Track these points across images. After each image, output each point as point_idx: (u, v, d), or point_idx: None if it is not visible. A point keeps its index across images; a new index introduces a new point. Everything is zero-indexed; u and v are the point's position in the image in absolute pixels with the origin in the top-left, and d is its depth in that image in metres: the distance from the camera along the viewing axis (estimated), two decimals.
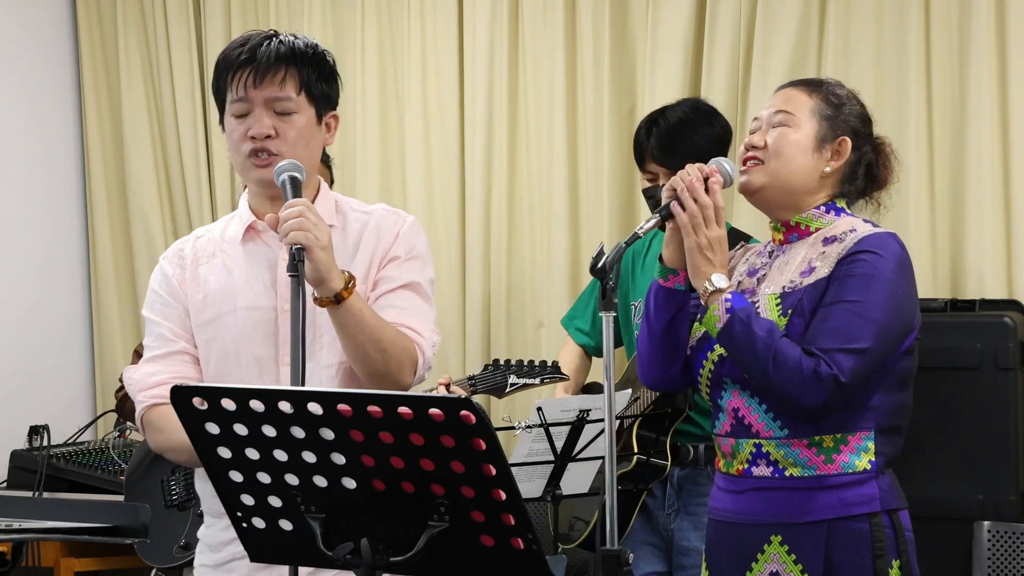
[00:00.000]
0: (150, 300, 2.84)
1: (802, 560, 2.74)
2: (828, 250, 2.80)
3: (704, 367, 2.86)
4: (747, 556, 2.80)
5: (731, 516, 2.84)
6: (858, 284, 2.71)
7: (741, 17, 4.71)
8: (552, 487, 3.80)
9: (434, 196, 5.30)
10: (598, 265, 2.64)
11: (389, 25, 5.41)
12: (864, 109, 2.93)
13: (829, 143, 2.85)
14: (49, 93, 5.87)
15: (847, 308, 2.69)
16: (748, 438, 2.79)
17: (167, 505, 4.17)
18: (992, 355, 3.94)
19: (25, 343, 5.68)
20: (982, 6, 4.32)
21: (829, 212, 2.86)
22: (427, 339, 2.71)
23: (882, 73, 4.50)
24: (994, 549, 3.92)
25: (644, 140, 3.91)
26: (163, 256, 2.85)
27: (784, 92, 2.92)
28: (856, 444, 2.75)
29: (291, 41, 2.73)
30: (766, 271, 2.89)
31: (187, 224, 5.82)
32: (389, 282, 2.73)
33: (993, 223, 4.31)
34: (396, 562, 2.17)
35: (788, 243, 2.89)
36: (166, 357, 2.77)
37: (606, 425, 2.59)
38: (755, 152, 2.85)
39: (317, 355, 2.71)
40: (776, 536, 2.77)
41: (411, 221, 2.79)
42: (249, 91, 2.69)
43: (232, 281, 2.75)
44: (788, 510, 2.76)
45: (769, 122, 2.87)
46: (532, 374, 4.06)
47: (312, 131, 2.74)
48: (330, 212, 2.77)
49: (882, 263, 2.72)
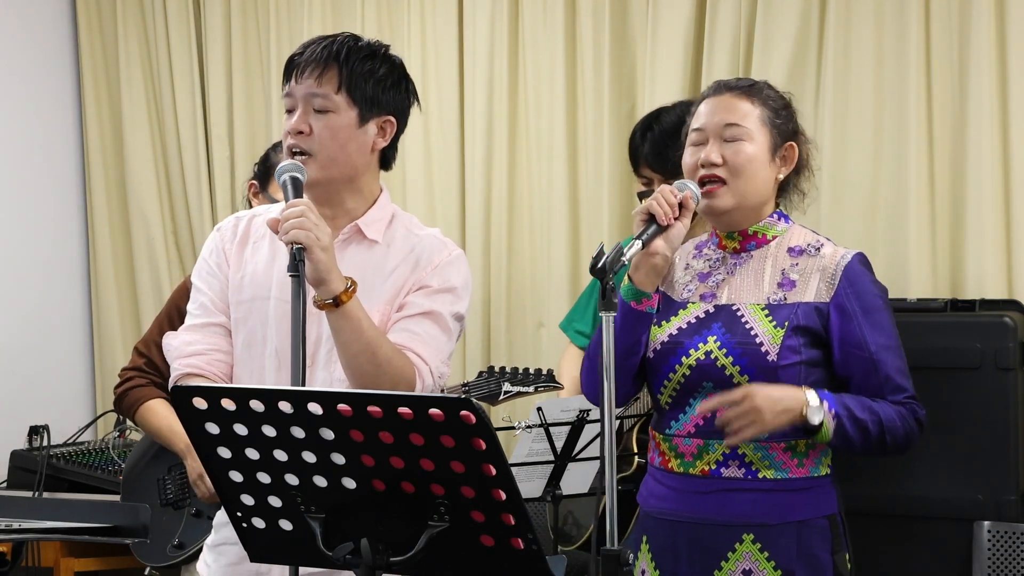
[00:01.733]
0: (199, 267, 2.85)
1: (775, 557, 2.79)
2: (802, 263, 2.85)
3: (676, 371, 2.85)
4: (714, 556, 2.83)
5: (694, 517, 2.85)
6: (878, 320, 2.82)
7: (741, 17, 4.71)
8: (552, 487, 3.80)
9: (434, 196, 5.30)
10: (598, 265, 2.64)
11: (389, 25, 5.41)
12: (791, 105, 2.95)
13: (779, 150, 2.88)
14: (49, 93, 5.87)
15: (885, 348, 2.82)
16: (722, 439, 2.79)
17: (162, 503, 4.17)
18: (992, 355, 3.94)
19: (25, 343, 5.68)
20: (982, 6, 4.32)
21: (780, 219, 2.91)
22: (431, 367, 2.69)
23: (882, 73, 4.50)
24: (994, 549, 3.92)
25: (639, 144, 3.91)
26: (218, 227, 2.86)
27: (723, 101, 2.88)
28: (821, 450, 2.84)
29: (346, 40, 2.73)
30: (724, 276, 2.90)
31: (187, 224, 5.82)
32: (411, 308, 2.72)
33: (993, 223, 4.31)
34: (396, 562, 2.17)
35: (745, 251, 2.90)
36: (205, 328, 2.78)
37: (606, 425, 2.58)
38: (714, 170, 2.84)
39: (331, 366, 2.70)
40: (748, 535, 2.80)
41: (456, 255, 2.78)
42: (292, 87, 2.72)
43: (274, 269, 2.75)
44: (763, 511, 2.80)
45: (718, 135, 2.85)
46: (526, 382, 4.06)
47: (350, 132, 2.72)
48: (382, 227, 2.76)
49: (876, 287, 2.85)
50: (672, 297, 2.94)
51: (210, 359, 2.76)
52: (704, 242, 2.98)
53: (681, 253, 2.98)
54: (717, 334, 2.82)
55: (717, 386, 2.81)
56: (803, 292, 2.82)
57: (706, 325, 2.85)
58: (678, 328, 2.88)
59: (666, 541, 2.89)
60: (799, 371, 2.78)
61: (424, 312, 2.71)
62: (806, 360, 2.80)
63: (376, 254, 2.73)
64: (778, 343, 2.77)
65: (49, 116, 5.86)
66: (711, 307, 2.87)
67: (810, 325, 2.80)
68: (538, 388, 4.09)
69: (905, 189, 4.44)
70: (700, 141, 2.88)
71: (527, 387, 4.05)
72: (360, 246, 2.75)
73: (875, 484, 3.92)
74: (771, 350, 2.77)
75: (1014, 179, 4.32)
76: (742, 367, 2.78)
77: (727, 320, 2.83)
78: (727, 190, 2.84)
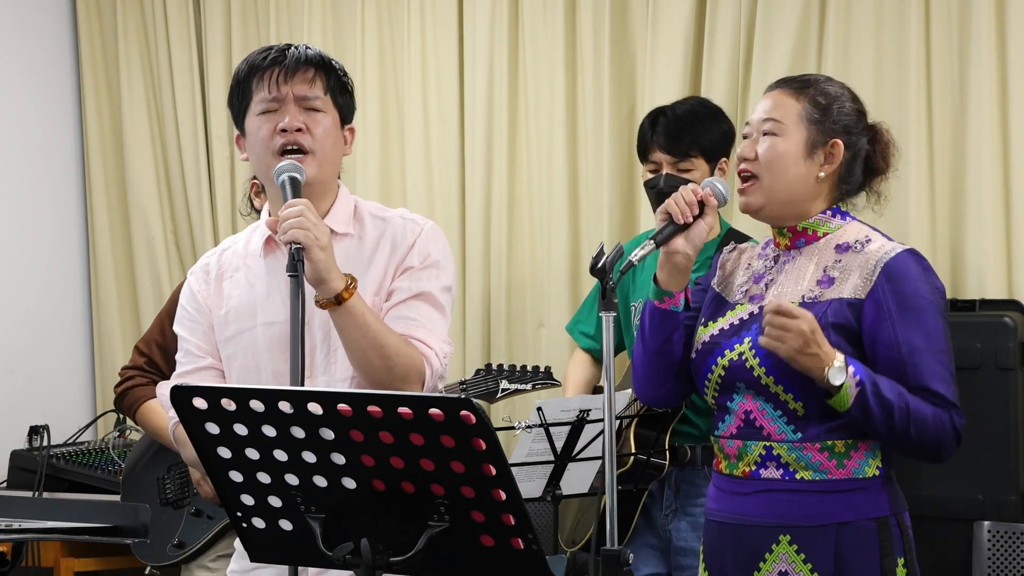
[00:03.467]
0: (179, 316, 2.84)
1: (811, 560, 2.75)
2: (845, 260, 2.79)
3: (713, 372, 2.84)
4: (754, 557, 2.80)
5: (735, 517, 2.83)
6: (918, 320, 2.72)
7: (741, 17, 4.71)
8: (552, 487, 3.80)
9: (434, 196, 5.30)
10: (598, 265, 2.64)
11: (389, 25, 5.41)
12: (857, 103, 2.90)
13: (821, 147, 2.83)
14: (49, 93, 5.87)
15: (923, 350, 2.71)
16: (758, 440, 2.79)
17: (162, 503, 4.17)
18: (992, 355, 3.94)
19: (25, 343, 5.68)
20: (982, 6, 4.32)
21: (835, 216, 2.86)
22: (436, 350, 2.68)
23: (882, 73, 4.50)
24: (994, 549, 3.92)
25: (648, 131, 3.90)
26: (191, 271, 2.85)
27: (772, 96, 2.89)
28: (865, 451, 2.77)
29: (315, 49, 2.77)
30: (774, 276, 2.87)
31: (187, 224, 5.82)
32: (401, 292, 2.71)
33: (993, 223, 4.31)
34: (396, 562, 2.17)
35: (795, 248, 2.87)
36: (193, 373, 2.77)
37: (606, 425, 2.58)
38: (747, 164, 2.84)
39: (332, 368, 2.70)
40: (785, 536, 2.77)
41: (428, 228, 2.77)
42: (281, 87, 2.71)
43: (253, 296, 2.74)
44: (799, 513, 2.76)
45: (759, 129, 2.85)
46: (524, 379, 4.06)
47: (337, 134, 2.75)
48: (348, 219, 2.76)
49: (924, 286, 2.75)
50: (726, 298, 2.92)
51: None
52: (769, 241, 2.95)
53: (747, 255, 2.97)
54: (752, 335, 2.79)
55: (749, 388, 2.79)
56: (840, 289, 2.77)
57: (747, 327, 2.82)
58: (720, 329, 2.86)
59: (714, 541, 2.88)
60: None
61: (415, 295, 2.71)
62: None
63: (350, 246, 2.72)
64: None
65: (49, 116, 5.86)
66: (755, 308, 2.84)
67: (842, 322, 2.74)
68: (536, 385, 4.09)
69: (905, 189, 4.43)
70: (746, 134, 2.88)
71: (525, 385, 4.05)
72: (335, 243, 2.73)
73: None
74: None
75: (1014, 179, 4.32)
76: (767, 368, 2.76)
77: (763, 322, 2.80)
78: (756, 188, 2.83)
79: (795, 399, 2.75)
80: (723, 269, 2.98)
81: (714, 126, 3.88)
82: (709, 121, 3.89)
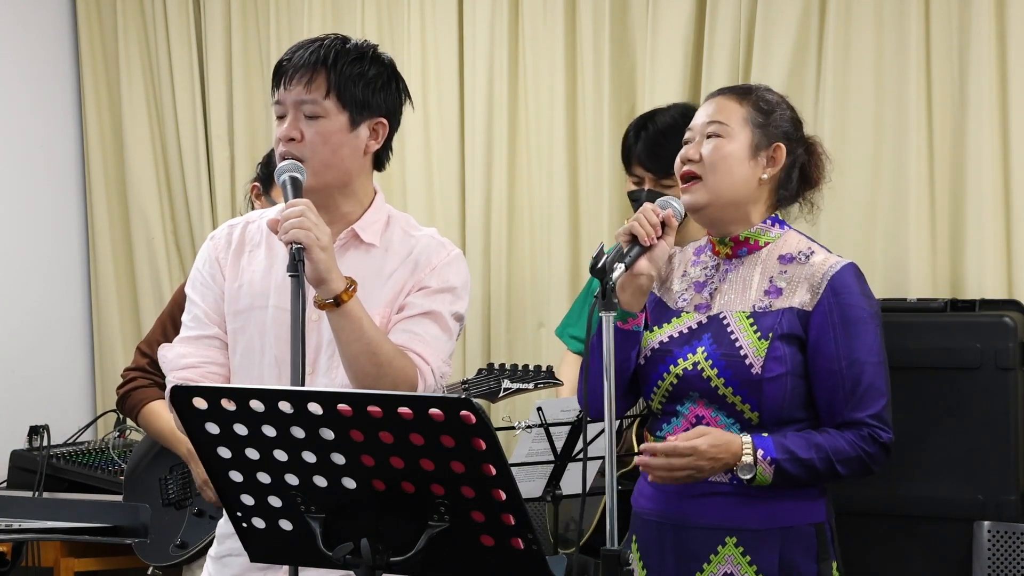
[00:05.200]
0: (193, 277, 2.83)
1: (756, 562, 2.80)
2: (791, 271, 2.85)
3: (664, 380, 2.87)
4: (697, 558, 2.84)
5: (678, 519, 2.86)
6: (859, 333, 2.79)
7: (741, 17, 4.71)
8: (552, 487, 3.80)
9: (434, 197, 5.30)
10: (598, 265, 2.64)
11: (389, 25, 5.41)
12: (794, 113, 2.97)
13: (764, 150, 2.88)
14: (49, 93, 5.86)
15: (861, 362, 2.78)
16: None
17: (164, 503, 4.17)
18: (992, 355, 3.94)
19: (25, 343, 5.68)
20: (982, 6, 4.32)
21: (775, 226, 2.92)
22: (432, 367, 2.68)
23: (882, 73, 4.50)
24: (994, 549, 3.92)
25: (632, 143, 3.92)
26: (211, 235, 2.85)
27: (715, 101, 2.93)
28: None
29: (334, 44, 2.73)
30: (717, 285, 2.91)
31: (187, 224, 5.82)
32: (411, 308, 2.72)
33: (993, 223, 4.31)
34: (396, 562, 2.17)
35: (737, 257, 2.91)
36: (200, 340, 2.78)
37: (606, 425, 2.58)
38: (691, 166, 2.87)
39: (332, 372, 2.70)
40: (731, 538, 2.82)
41: (454, 255, 2.78)
42: (281, 94, 2.71)
43: (271, 277, 2.74)
44: (745, 516, 2.81)
45: (702, 132, 2.89)
46: (526, 379, 4.06)
47: (342, 137, 2.71)
48: (378, 230, 2.76)
49: (864, 300, 2.82)
50: (667, 303, 2.95)
51: (204, 372, 2.76)
52: (702, 248, 2.99)
53: (679, 259, 3.00)
54: (706, 345, 2.84)
55: (703, 396, 2.83)
56: (789, 299, 2.82)
57: (697, 336, 2.86)
58: (669, 336, 2.89)
59: (653, 541, 2.91)
60: (784, 383, 2.79)
61: (424, 312, 2.71)
62: (793, 371, 2.79)
63: (374, 258, 2.73)
64: (762, 355, 2.78)
65: (49, 116, 5.86)
66: (704, 318, 2.89)
67: (795, 332, 2.80)
68: (538, 385, 4.09)
69: (905, 189, 4.44)
70: (688, 140, 2.92)
71: (527, 384, 4.05)
72: (358, 251, 2.75)
73: (875, 484, 3.89)
74: (755, 362, 2.78)
75: (1014, 179, 4.32)
76: (727, 379, 2.80)
77: (716, 330, 2.85)
78: (700, 186, 2.86)
79: (752, 409, 2.80)
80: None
81: None
82: None
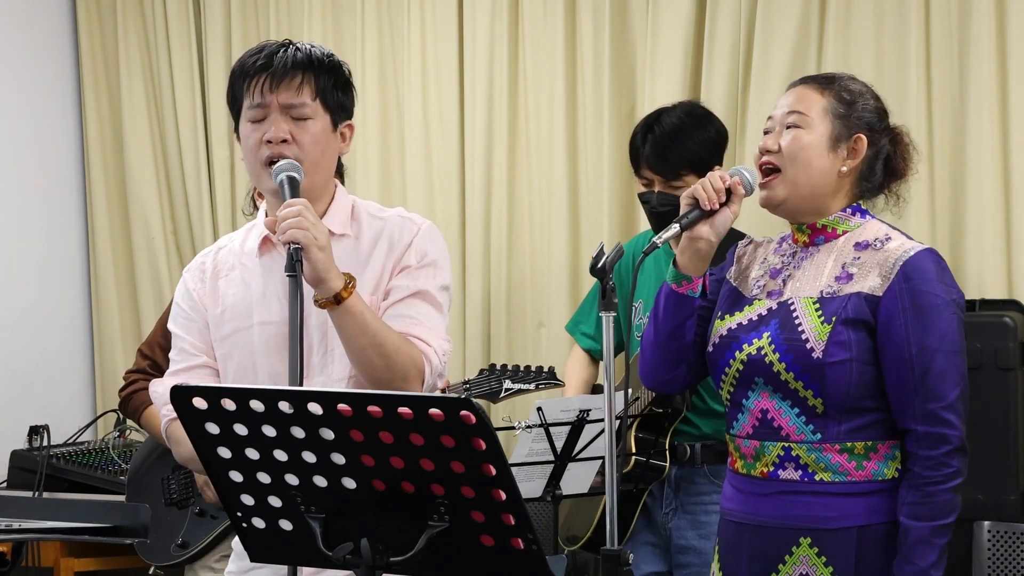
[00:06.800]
0: (174, 313, 2.83)
1: (832, 563, 2.74)
2: (864, 257, 2.79)
3: (731, 366, 2.83)
4: (772, 558, 2.79)
5: (754, 519, 2.82)
6: (931, 320, 2.72)
7: (741, 17, 4.71)
8: (552, 487, 3.80)
9: (434, 196, 5.30)
10: (598, 265, 2.64)
11: (389, 25, 5.41)
12: (879, 102, 2.91)
13: (844, 142, 2.83)
14: (49, 93, 5.87)
15: (932, 350, 2.71)
16: (776, 441, 2.78)
17: (166, 503, 4.18)
18: (992, 355, 3.94)
19: (25, 343, 5.68)
20: (982, 6, 4.32)
21: (855, 215, 2.86)
22: (435, 347, 2.68)
23: (882, 73, 4.49)
24: (994, 549, 3.92)
25: (640, 146, 3.90)
26: (186, 269, 2.85)
27: (796, 91, 2.88)
28: (885, 452, 2.76)
29: (308, 49, 2.73)
30: (791, 272, 2.86)
31: (187, 224, 5.82)
32: (399, 291, 2.71)
33: (993, 223, 4.31)
34: (396, 562, 2.17)
35: (814, 245, 2.86)
36: (187, 371, 2.77)
37: (606, 425, 2.59)
38: (769, 157, 2.82)
39: (329, 368, 2.70)
40: (805, 539, 2.76)
41: (426, 227, 2.76)
42: (266, 96, 2.70)
43: (249, 295, 2.74)
44: (819, 515, 2.75)
45: (782, 123, 2.84)
46: (527, 379, 4.06)
47: (328, 138, 2.72)
48: (345, 219, 2.75)
49: (940, 287, 2.76)
50: (742, 292, 2.91)
51: None
52: (785, 236, 2.95)
53: (762, 249, 2.96)
54: (771, 330, 2.78)
55: (767, 382, 2.78)
56: (858, 284, 2.76)
57: (765, 322, 2.81)
58: (738, 323, 2.85)
59: (731, 542, 2.87)
60: (849, 368, 2.72)
61: (412, 293, 2.70)
62: (859, 357, 2.72)
63: (347, 246, 2.72)
64: (824, 339, 2.72)
65: (49, 116, 5.86)
66: (774, 304, 2.83)
67: (861, 317, 2.73)
68: (539, 386, 4.09)
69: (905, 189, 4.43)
70: (768, 129, 2.87)
71: (528, 385, 4.05)
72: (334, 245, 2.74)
73: None
74: (816, 347, 2.72)
75: (1014, 179, 4.32)
76: (788, 363, 2.74)
77: (783, 316, 2.80)
78: (779, 180, 2.81)
79: (815, 395, 2.74)
80: (739, 263, 2.97)
81: (702, 135, 3.85)
82: (697, 131, 3.86)
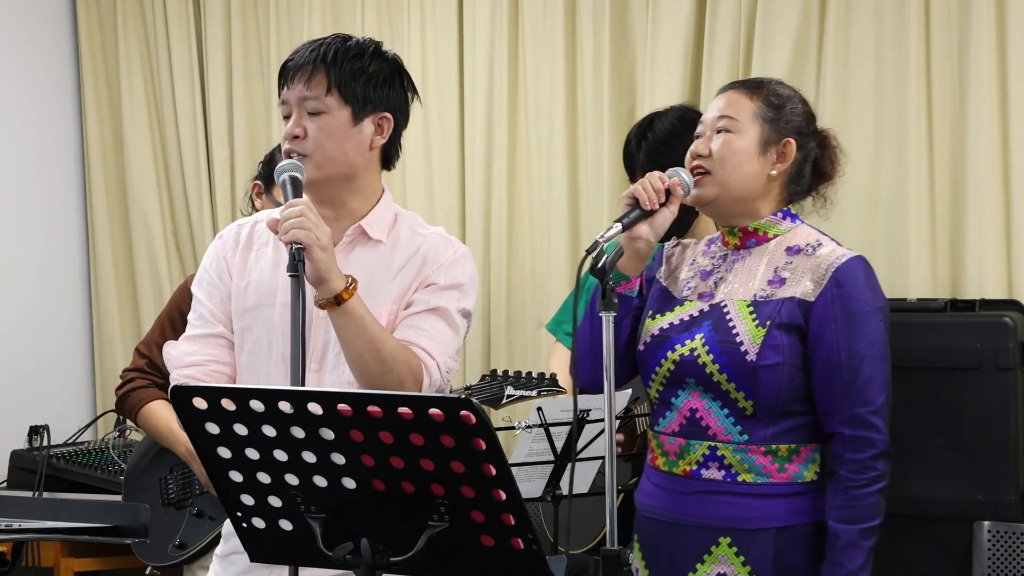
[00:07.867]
0: (199, 277, 2.85)
1: (751, 563, 2.78)
2: (796, 261, 2.83)
3: (662, 365, 2.86)
4: (691, 557, 2.83)
5: (675, 516, 2.86)
6: (861, 326, 2.76)
7: (741, 17, 4.71)
8: (552, 487, 3.80)
9: (434, 196, 5.30)
10: (598, 265, 2.65)
11: (389, 25, 5.41)
12: (807, 106, 2.96)
13: (774, 145, 2.88)
14: (49, 93, 5.87)
15: (861, 356, 2.75)
16: (703, 440, 2.82)
17: (164, 503, 4.17)
18: (992, 355, 3.94)
19: (25, 343, 5.68)
20: (982, 6, 4.32)
21: (785, 219, 2.91)
22: (438, 362, 2.68)
23: (882, 73, 4.50)
24: (994, 549, 3.92)
25: (634, 151, 3.91)
26: (220, 234, 2.86)
27: (726, 95, 2.93)
28: (807, 456, 2.82)
29: (334, 42, 2.75)
30: (722, 274, 2.91)
31: (187, 224, 5.82)
32: (418, 305, 2.72)
33: (993, 223, 4.31)
34: (396, 562, 2.17)
35: (745, 248, 2.91)
36: (204, 338, 2.79)
37: (606, 425, 2.59)
38: (701, 161, 2.88)
39: (339, 369, 2.70)
40: (725, 538, 2.80)
41: (462, 252, 2.78)
42: (284, 92, 2.74)
43: (278, 275, 2.75)
44: (739, 515, 2.79)
45: (713, 127, 2.90)
46: (529, 386, 4.06)
47: (345, 131, 2.72)
48: (385, 227, 2.77)
49: (869, 294, 2.80)
50: (672, 292, 2.95)
51: (208, 370, 2.77)
52: (713, 239, 3.00)
53: (691, 251, 3.00)
54: (704, 332, 2.83)
55: (699, 383, 2.81)
56: (791, 289, 2.81)
57: (697, 323, 2.86)
58: (670, 323, 2.89)
59: (651, 538, 2.91)
60: (781, 372, 2.77)
61: (431, 309, 2.72)
62: (791, 361, 2.77)
63: (381, 254, 2.74)
64: (758, 342, 2.77)
65: (49, 117, 5.87)
66: (706, 306, 2.88)
67: (795, 322, 2.78)
68: (541, 392, 4.08)
69: (905, 189, 4.44)
70: (699, 135, 2.92)
71: (530, 391, 4.05)
72: (365, 247, 2.76)
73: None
74: (751, 349, 2.77)
75: (1014, 179, 4.32)
76: (721, 365, 2.78)
77: (716, 318, 2.84)
78: (709, 180, 2.86)
79: (746, 397, 2.78)
80: (668, 263, 3.02)
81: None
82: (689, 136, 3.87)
